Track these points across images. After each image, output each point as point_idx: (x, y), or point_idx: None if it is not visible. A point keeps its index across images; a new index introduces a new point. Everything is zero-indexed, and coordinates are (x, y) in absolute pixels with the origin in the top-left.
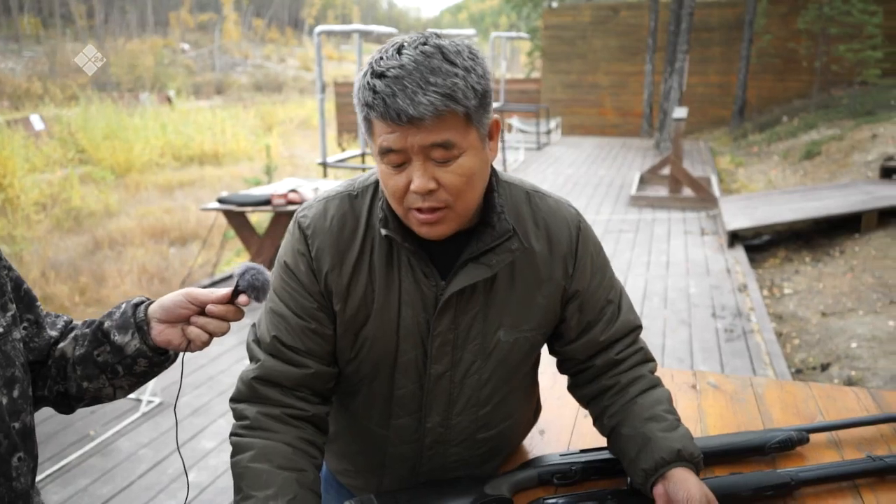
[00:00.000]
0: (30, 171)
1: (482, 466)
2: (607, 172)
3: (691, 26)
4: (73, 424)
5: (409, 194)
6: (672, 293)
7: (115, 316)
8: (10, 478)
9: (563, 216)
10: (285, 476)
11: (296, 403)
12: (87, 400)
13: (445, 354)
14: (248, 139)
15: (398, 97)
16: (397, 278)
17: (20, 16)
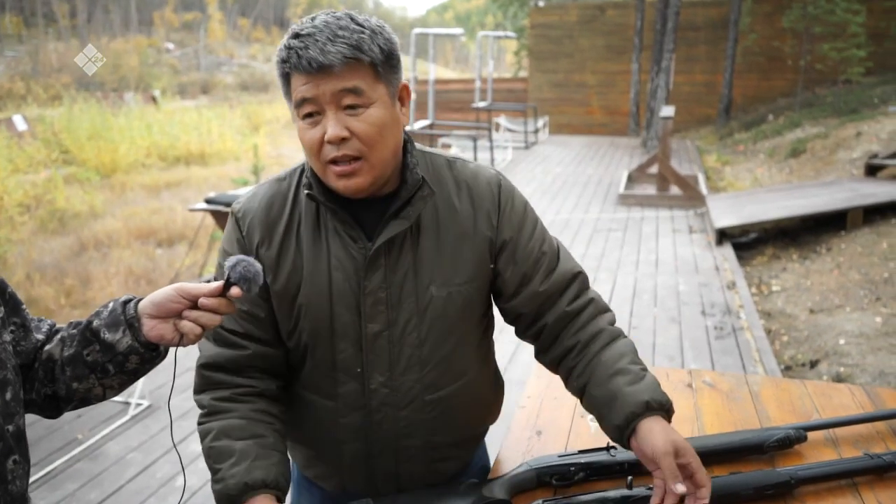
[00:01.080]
0: (13, 172)
1: (436, 435)
2: (595, 171)
3: (677, 25)
4: (61, 428)
5: (325, 146)
6: (662, 291)
7: (104, 315)
8: (6, 481)
9: (483, 176)
10: (244, 444)
11: (243, 382)
12: (75, 401)
13: (380, 313)
14: (234, 139)
15: (310, 49)
16: (325, 245)
17: (1, 15)
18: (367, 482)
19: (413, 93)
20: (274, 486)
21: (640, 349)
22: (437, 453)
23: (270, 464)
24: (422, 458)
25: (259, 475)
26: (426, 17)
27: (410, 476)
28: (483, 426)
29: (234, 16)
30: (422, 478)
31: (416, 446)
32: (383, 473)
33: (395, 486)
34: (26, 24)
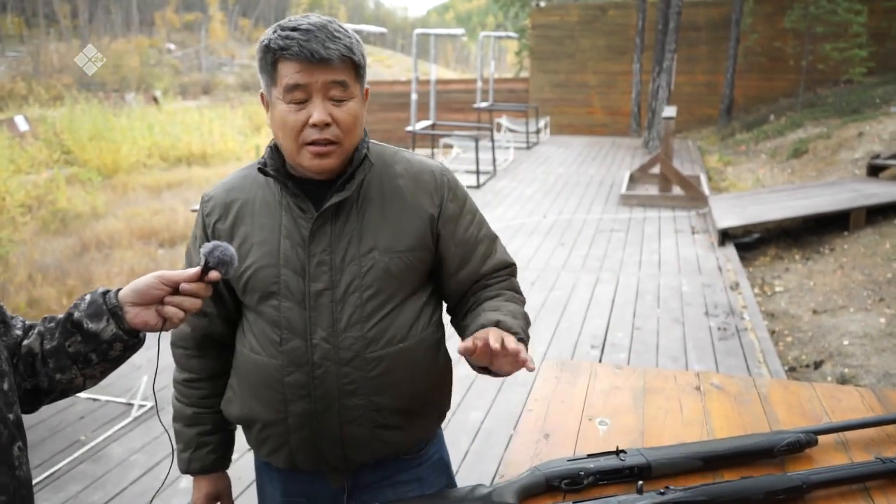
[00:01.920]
0: (15, 173)
1: (379, 396)
2: (597, 171)
3: (679, 25)
4: (63, 430)
5: (307, 129)
6: (664, 292)
7: (83, 307)
8: (13, 466)
9: (427, 165)
10: (189, 432)
11: (195, 366)
12: (56, 393)
13: (323, 273)
14: (236, 139)
15: (312, 42)
16: (278, 217)
17: (2, 16)
18: (313, 449)
19: (414, 93)
20: (210, 470)
21: (644, 350)
22: (381, 417)
23: (206, 452)
24: (365, 420)
25: (196, 465)
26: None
27: (355, 441)
28: (430, 404)
29: (236, 16)
30: (366, 445)
31: (360, 406)
32: (328, 437)
33: (340, 453)
34: (28, 25)
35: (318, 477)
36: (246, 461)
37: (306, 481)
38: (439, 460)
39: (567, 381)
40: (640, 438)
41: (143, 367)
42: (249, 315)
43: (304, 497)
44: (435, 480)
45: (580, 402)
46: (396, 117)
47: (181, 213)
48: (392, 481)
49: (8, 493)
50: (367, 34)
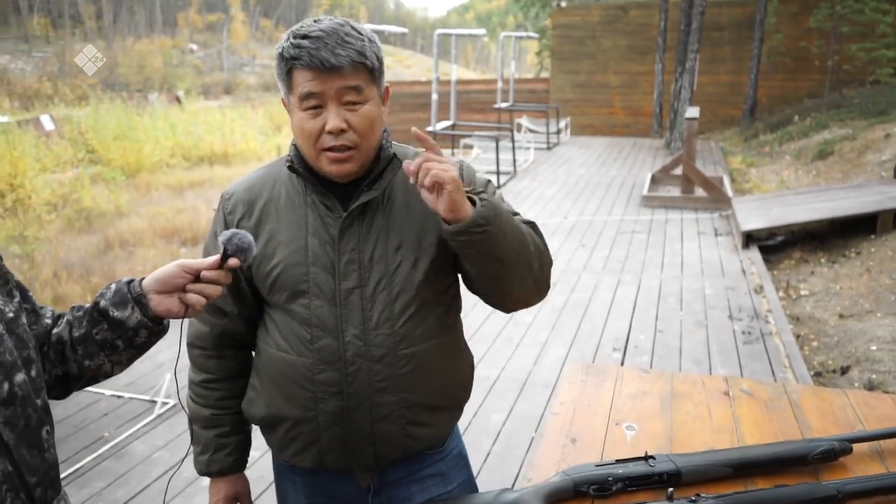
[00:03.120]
0: (41, 172)
1: (411, 393)
2: (619, 172)
3: (702, 25)
4: (87, 427)
5: (323, 136)
6: (687, 294)
7: (108, 295)
8: (43, 449)
9: None
10: (207, 434)
11: (213, 367)
12: (85, 379)
13: (353, 271)
14: (257, 139)
15: (322, 50)
16: (304, 215)
17: (30, 16)
18: (344, 447)
19: (435, 93)
20: (228, 472)
21: (667, 353)
22: (412, 414)
23: (225, 454)
24: (396, 417)
25: (215, 468)
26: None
27: (385, 438)
28: (454, 400)
29: (257, 17)
30: (396, 441)
31: (391, 403)
32: (359, 435)
33: (370, 451)
34: (54, 26)
35: (344, 476)
36: (267, 460)
37: (331, 481)
38: (459, 454)
39: (593, 384)
40: (669, 444)
41: (165, 365)
42: (275, 314)
43: (328, 497)
44: (456, 474)
45: (606, 407)
46: (417, 117)
47: (203, 212)
48: (417, 477)
49: (38, 473)
50: (387, 34)
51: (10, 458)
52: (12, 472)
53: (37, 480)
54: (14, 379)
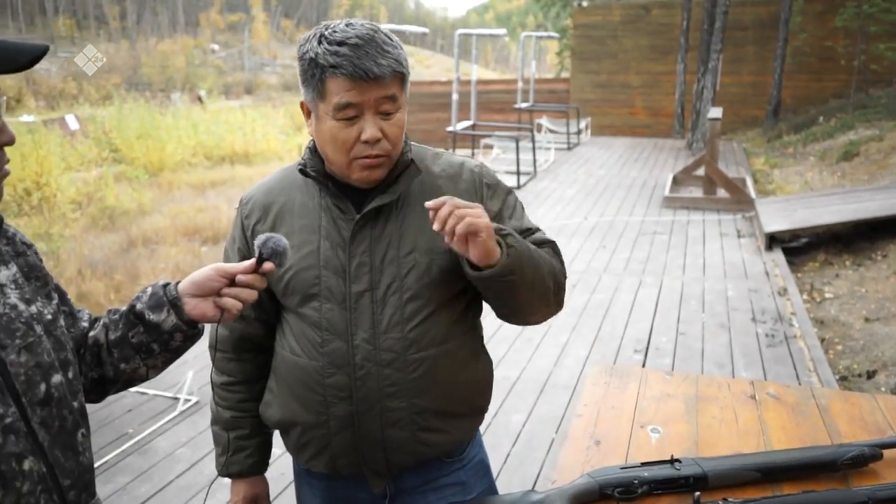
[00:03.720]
0: (66, 170)
1: (421, 398)
2: (639, 173)
3: (725, 25)
4: (111, 423)
5: (358, 145)
6: (710, 296)
7: (144, 299)
8: (78, 452)
9: (466, 163)
10: (227, 437)
11: (233, 369)
12: (121, 383)
13: (364, 275)
14: (277, 139)
15: (364, 59)
16: (318, 218)
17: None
18: (354, 452)
19: (455, 93)
20: (247, 474)
21: (689, 355)
22: (422, 419)
23: (245, 456)
24: (407, 423)
25: (235, 469)
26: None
27: (396, 444)
28: (470, 406)
29: (278, 17)
30: (408, 448)
31: (401, 408)
32: (369, 440)
33: (381, 457)
34: (78, 27)
35: (359, 482)
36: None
37: (347, 487)
38: (480, 462)
39: (616, 386)
40: (695, 448)
41: (188, 363)
42: (289, 317)
43: (345, 503)
44: (477, 483)
45: (631, 409)
46: (437, 117)
47: (224, 211)
48: (434, 485)
49: (73, 476)
50: (407, 34)
51: (44, 459)
52: (46, 474)
53: (70, 483)
54: (51, 380)
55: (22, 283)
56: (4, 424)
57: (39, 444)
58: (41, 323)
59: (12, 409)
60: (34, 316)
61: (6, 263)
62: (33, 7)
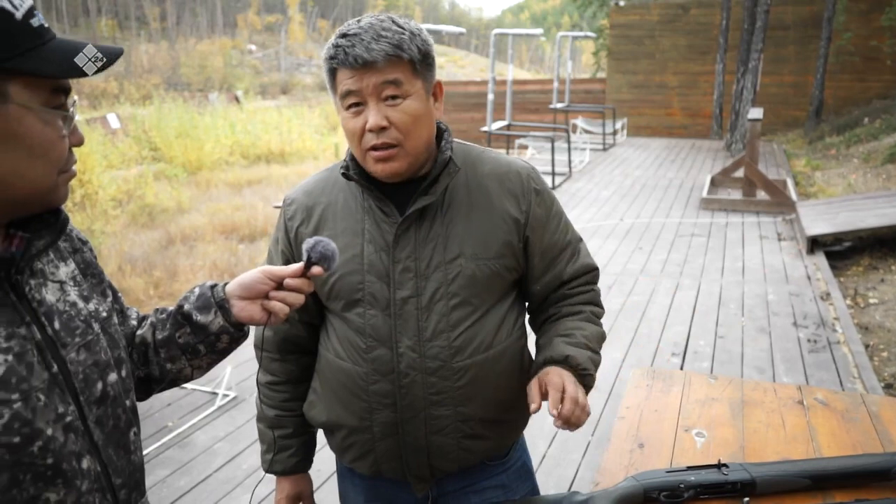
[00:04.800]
0: (107, 168)
1: (466, 406)
2: (676, 174)
3: (766, 24)
4: (152, 416)
5: (366, 134)
6: (749, 300)
7: (192, 299)
8: (130, 451)
9: (515, 165)
10: (271, 435)
11: (277, 369)
12: (166, 382)
13: (408, 280)
14: (312, 138)
15: (356, 47)
16: (361, 221)
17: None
18: (398, 459)
19: (491, 93)
20: (291, 472)
21: (728, 359)
22: (467, 427)
23: (288, 455)
24: (451, 430)
25: (278, 468)
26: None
27: (440, 451)
28: (515, 412)
29: (314, 18)
30: (452, 454)
31: (446, 416)
32: (413, 447)
33: (425, 462)
34: (120, 27)
35: (401, 484)
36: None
37: (390, 488)
38: (522, 466)
39: (659, 389)
40: (741, 453)
41: (227, 359)
42: (334, 320)
43: (387, 503)
44: (519, 487)
45: (674, 413)
46: (471, 117)
47: (260, 209)
48: (476, 488)
49: (124, 475)
50: (443, 34)
51: (99, 458)
52: (101, 473)
53: (122, 482)
54: (107, 378)
55: (80, 280)
56: (65, 423)
57: (94, 443)
58: (98, 320)
59: (71, 407)
60: (92, 313)
61: (65, 260)
62: (77, 8)
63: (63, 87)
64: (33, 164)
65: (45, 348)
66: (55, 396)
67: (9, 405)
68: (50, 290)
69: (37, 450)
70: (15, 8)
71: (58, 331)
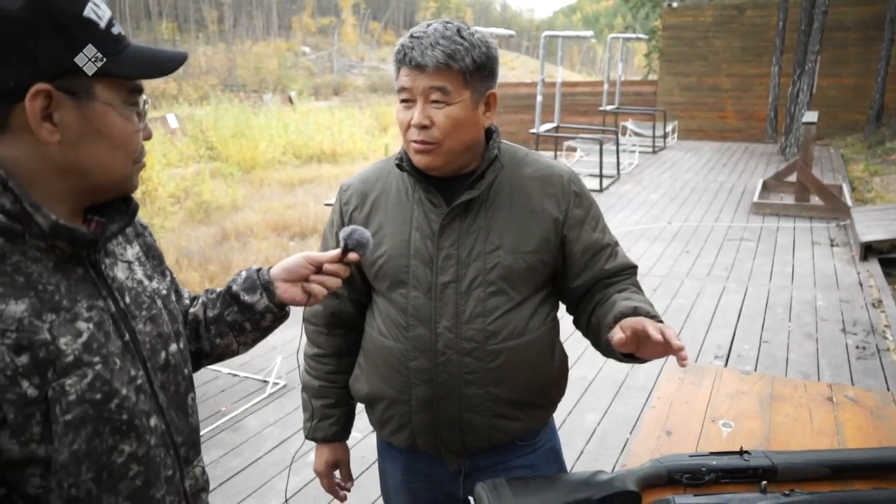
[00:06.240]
0: (166, 166)
1: (498, 387)
2: (728, 178)
3: (825, 25)
4: (206, 401)
5: (411, 128)
6: (797, 305)
7: (239, 281)
8: (188, 413)
9: (556, 169)
10: (315, 403)
11: (324, 342)
12: (214, 357)
13: (450, 267)
14: (363, 139)
15: (415, 50)
16: (411, 210)
17: (159, 21)
18: (433, 432)
19: (539, 95)
20: (331, 440)
21: (772, 363)
22: (497, 407)
23: (329, 423)
24: (483, 409)
25: (320, 434)
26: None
27: (472, 428)
28: (545, 397)
29: (367, 20)
30: (483, 432)
31: (478, 395)
32: (447, 422)
33: (458, 438)
34: (180, 30)
35: (436, 459)
36: (371, 440)
37: (425, 462)
38: (551, 449)
39: (691, 382)
40: (766, 443)
41: (277, 348)
42: (379, 300)
43: (423, 476)
44: (547, 468)
45: (703, 404)
46: (520, 119)
47: (311, 207)
48: (506, 466)
49: (184, 434)
50: (494, 37)
51: (163, 418)
52: (165, 431)
53: (182, 440)
54: (169, 348)
55: (144, 260)
56: (136, 385)
57: (160, 405)
58: (159, 297)
59: (141, 372)
60: (154, 290)
61: (131, 243)
62: (139, 11)
63: (138, 87)
64: (113, 155)
65: (118, 319)
66: (127, 362)
67: (92, 367)
68: (120, 269)
69: (114, 406)
70: (99, 18)
71: (128, 304)
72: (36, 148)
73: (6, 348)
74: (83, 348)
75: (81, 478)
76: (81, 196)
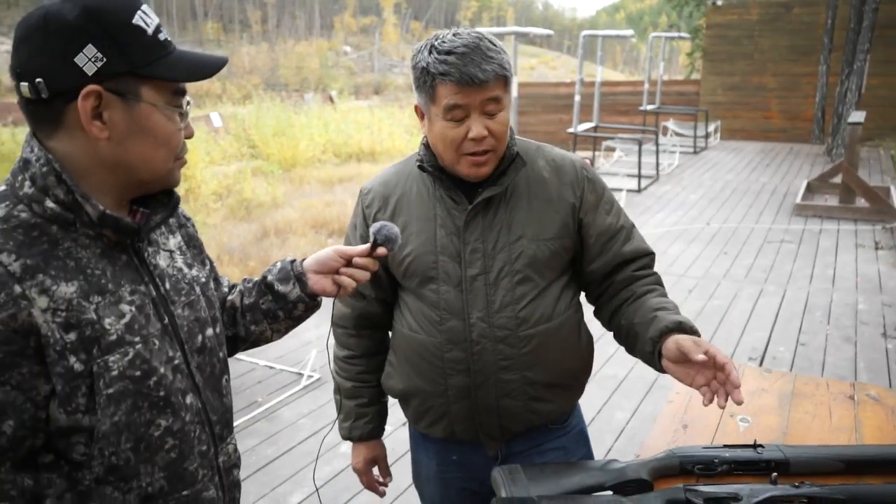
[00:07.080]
0: (209, 164)
1: (532, 371)
2: (770, 179)
3: (875, 23)
4: (243, 392)
5: (466, 142)
6: (837, 308)
7: (274, 272)
8: (223, 394)
9: (568, 157)
10: (349, 404)
11: (353, 344)
12: (249, 343)
13: (477, 260)
14: (402, 138)
15: (469, 66)
16: (433, 208)
17: (204, 22)
18: (472, 420)
19: (578, 94)
20: (367, 438)
21: (808, 366)
22: (534, 390)
23: (365, 422)
24: (519, 393)
25: (356, 434)
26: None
27: (510, 412)
28: (575, 378)
29: (408, 19)
30: (520, 415)
31: (514, 380)
32: (485, 408)
33: (496, 423)
34: (224, 30)
35: (473, 446)
36: (402, 433)
37: (461, 450)
38: (580, 431)
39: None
40: (782, 439)
41: (312, 343)
42: (408, 298)
43: (458, 465)
44: (577, 450)
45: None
46: (559, 119)
47: (350, 205)
48: (539, 449)
49: (218, 413)
50: (533, 36)
51: (199, 397)
52: (201, 409)
53: (217, 419)
54: (206, 332)
55: (185, 250)
56: (174, 365)
57: (196, 385)
58: (198, 284)
59: (178, 353)
60: (194, 278)
61: (173, 233)
62: (185, 12)
63: (181, 89)
64: (157, 152)
65: (158, 304)
66: (166, 343)
67: (133, 346)
68: (162, 257)
69: (152, 383)
70: (147, 25)
71: (168, 290)
72: (87, 144)
73: (56, 326)
74: (125, 328)
75: (121, 447)
76: (127, 189)
